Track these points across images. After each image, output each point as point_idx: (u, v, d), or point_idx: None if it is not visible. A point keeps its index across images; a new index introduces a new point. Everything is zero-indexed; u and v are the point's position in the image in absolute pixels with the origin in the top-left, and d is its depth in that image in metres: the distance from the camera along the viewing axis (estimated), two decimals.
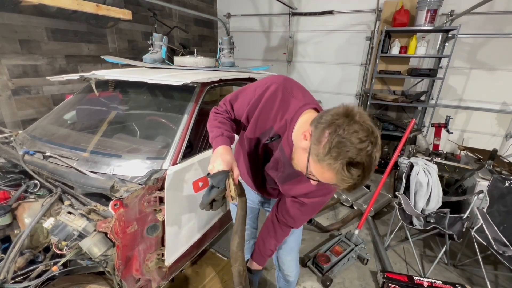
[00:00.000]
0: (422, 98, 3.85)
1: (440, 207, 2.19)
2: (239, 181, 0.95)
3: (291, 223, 1.12)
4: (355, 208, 2.90)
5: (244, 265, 1.02)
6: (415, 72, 3.59)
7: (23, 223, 1.19)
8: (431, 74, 3.52)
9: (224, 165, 0.86)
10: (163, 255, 1.43)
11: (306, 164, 0.77)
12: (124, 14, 2.64)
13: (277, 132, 0.96)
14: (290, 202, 1.08)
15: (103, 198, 1.24)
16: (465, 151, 3.23)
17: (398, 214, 2.21)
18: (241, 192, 0.97)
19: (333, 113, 0.70)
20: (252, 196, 1.37)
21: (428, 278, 1.86)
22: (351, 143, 0.64)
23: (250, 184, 1.28)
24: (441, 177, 2.51)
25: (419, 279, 1.83)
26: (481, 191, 2.04)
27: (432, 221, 2.02)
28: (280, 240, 1.19)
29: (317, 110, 0.93)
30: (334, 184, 0.72)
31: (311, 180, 0.81)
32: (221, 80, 1.80)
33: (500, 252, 1.72)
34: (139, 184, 1.25)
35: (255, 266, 1.27)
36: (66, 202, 1.18)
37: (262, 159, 1.10)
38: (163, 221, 1.36)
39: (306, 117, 0.88)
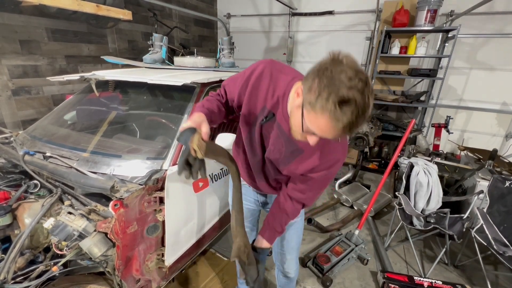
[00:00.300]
0: (422, 98, 3.85)
1: (440, 207, 2.19)
2: (214, 143, 0.89)
3: (303, 199, 1.09)
4: (355, 208, 2.90)
5: (246, 241, 0.99)
6: (415, 72, 3.59)
7: (23, 223, 1.19)
8: (431, 74, 3.52)
9: (190, 123, 0.82)
10: (163, 255, 1.43)
11: (301, 120, 0.75)
12: (124, 14, 2.64)
13: (271, 110, 0.95)
14: (299, 179, 1.06)
15: (103, 198, 1.24)
16: (465, 151, 3.23)
17: (398, 214, 2.21)
18: (216, 152, 0.89)
19: (320, 61, 0.71)
20: (253, 198, 1.36)
21: (428, 278, 1.86)
22: (340, 81, 0.64)
23: (252, 183, 1.27)
24: (441, 177, 2.51)
25: (419, 279, 1.83)
26: (481, 191, 2.04)
27: (432, 221, 2.02)
28: (292, 217, 1.13)
29: None
30: (330, 133, 0.70)
31: (311, 140, 0.79)
32: (221, 81, 1.81)
33: (500, 252, 1.72)
34: (139, 184, 1.25)
35: (264, 243, 1.15)
36: (66, 202, 1.18)
37: (261, 148, 1.07)
38: (163, 221, 1.36)
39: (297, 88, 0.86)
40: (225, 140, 1.42)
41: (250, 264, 1.00)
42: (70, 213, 1.10)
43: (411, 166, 2.29)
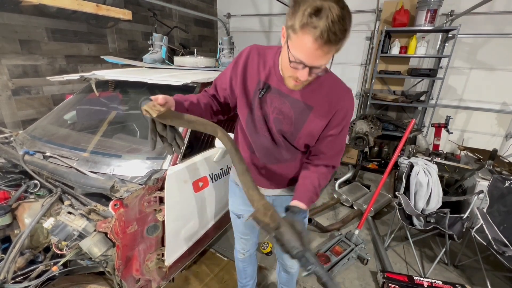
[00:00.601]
0: (422, 98, 3.85)
1: (440, 207, 2.19)
2: (176, 112, 0.84)
3: (329, 160, 1.04)
4: (355, 208, 2.90)
5: (264, 203, 0.84)
6: (415, 72, 3.59)
7: (23, 223, 1.19)
8: (431, 74, 3.52)
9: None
10: (163, 255, 1.43)
11: (287, 52, 0.78)
12: (124, 14, 2.64)
13: (266, 82, 0.97)
14: (318, 144, 1.02)
15: (103, 198, 1.24)
16: (465, 151, 3.23)
17: (398, 214, 2.21)
18: (177, 116, 0.82)
19: None
20: None
21: (428, 278, 1.86)
22: None
23: (259, 180, 1.18)
24: (441, 177, 2.51)
25: (419, 279, 1.83)
26: (481, 191, 2.04)
27: (432, 221, 2.02)
28: (323, 182, 1.03)
29: None
30: (313, 48, 0.71)
31: (301, 75, 0.79)
32: None
33: (500, 252, 1.72)
34: (139, 184, 1.25)
35: (300, 204, 0.98)
36: (66, 202, 1.18)
37: (266, 128, 1.03)
38: (163, 221, 1.36)
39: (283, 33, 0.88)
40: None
41: (278, 227, 0.82)
42: (70, 213, 1.10)
43: (411, 166, 2.29)
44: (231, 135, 1.01)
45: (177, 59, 2.46)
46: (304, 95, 0.94)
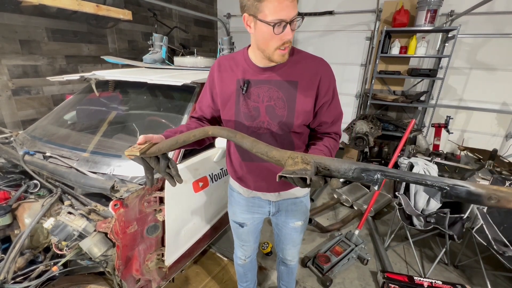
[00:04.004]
0: (422, 98, 3.85)
1: (440, 207, 2.19)
2: (154, 143, 0.88)
3: (332, 128, 1.06)
4: (355, 208, 2.90)
5: (290, 153, 0.76)
6: (415, 72, 3.59)
7: (23, 223, 1.19)
8: (431, 74, 3.52)
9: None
10: (163, 255, 1.43)
11: (263, 26, 0.83)
12: (124, 14, 2.64)
13: (244, 77, 1.00)
14: (317, 117, 1.03)
15: (103, 198, 1.24)
16: (465, 151, 3.23)
17: (398, 214, 2.21)
18: (163, 144, 0.87)
19: None
20: (264, 208, 1.25)
21: (428, 278, 1.86)
22: None
23: (258, 183, 1.14)
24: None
25: (419, 279, 1.83)
26: None
27: (432, 221, 2.02)
28: (334, 145, 1.04)
29: None
30: (281, 12, 0.80)
31: (284, 35, 0.85)
32: None
33: (500, 252, 1.72)
34: (139, 184, 1.25)
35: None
36: (66, 202, 1.18)
37: (259, 123, 1.02)
38: (163, 221, 1.36)
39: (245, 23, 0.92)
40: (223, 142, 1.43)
41: (308, 162, 0.73)
42: (70, 213, 1.10)
43: (411, 166, 2.29)
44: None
45: (177, 59, 2.46)
46: (284, 74, 0.97)
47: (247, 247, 1.44)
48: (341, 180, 3.18)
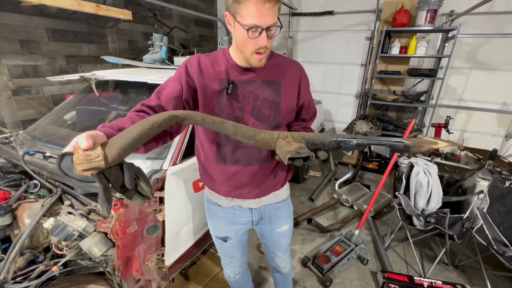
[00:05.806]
0: (422, 98, 3.85)
1: (440, 207, 2.19)
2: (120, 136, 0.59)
3: (308, 124, 1.17)
4: (355, 208, 2.90)
5: (278, 133, 0.77)
6: (415, 72, 3.59)
7: (23, 223, 1.19)
8: (431, 74, 3.52)
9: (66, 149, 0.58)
10: (163, 255, 1.43)
11: (241, 28, 0.84)
12: (124, 14, 2.64)
13: (228, 77, 0.97)
14: (300, 113, 1.12)
15: None
16: (465, 151, 3.23)
17: (398, 214, 2.21)
18: (131, 141, 0.58)
19: None
20: (246, 218, 1.18)
21: (428, 278, 1.86)
22: None
23: (240, 190, 1.08)
24: (441, 177, 2.50)
25: (419, 279, 1.83)
26: (481, 191, 2.03)
27: (432, 221, 2.02)
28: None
29: None
30: (260, 3, 0.79)
31: (260, 40, 0.85)
32: None
33: (500, 252, 1.72)
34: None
35: None
36: (66, 202, 1.18)
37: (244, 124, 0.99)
38: (163, 221, 1.36)
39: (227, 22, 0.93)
40: None
41: (300, 140, 0.77)
42: (70, 213, 1.10)
43: (411, 166, 2.29)
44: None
45: (177, 59, 2.46)
46: (267, 75, 0.99)
47: (234, 263, 1.35)
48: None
